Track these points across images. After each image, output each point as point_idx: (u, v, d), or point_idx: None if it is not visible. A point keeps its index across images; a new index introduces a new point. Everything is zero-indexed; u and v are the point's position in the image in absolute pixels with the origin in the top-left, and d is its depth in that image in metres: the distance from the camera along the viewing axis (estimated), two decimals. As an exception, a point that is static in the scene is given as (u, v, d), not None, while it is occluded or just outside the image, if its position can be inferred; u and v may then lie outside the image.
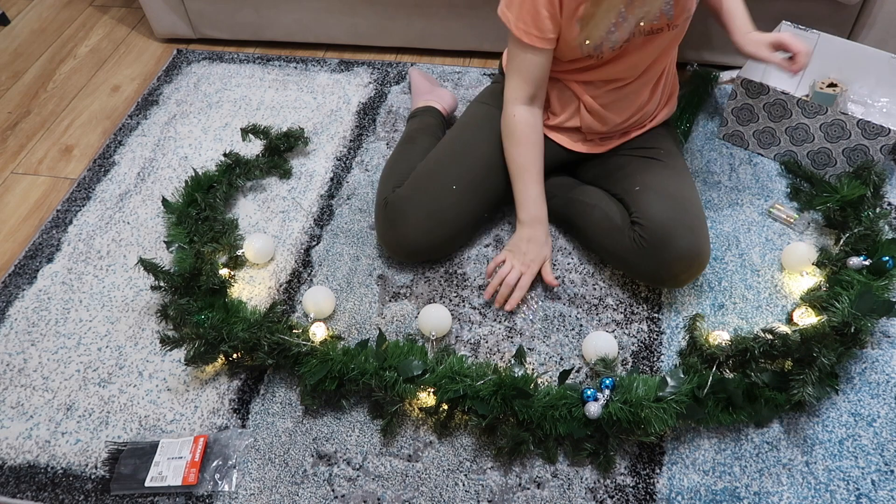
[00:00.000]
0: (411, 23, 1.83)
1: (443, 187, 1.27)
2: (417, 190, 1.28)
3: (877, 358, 1.19)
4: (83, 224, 1.49)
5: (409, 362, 1.11)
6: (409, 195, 1.27)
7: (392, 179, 1.35)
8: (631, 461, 1.08)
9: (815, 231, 1.39)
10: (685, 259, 1.17)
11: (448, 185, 1.27)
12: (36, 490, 1.08)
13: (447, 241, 1.30)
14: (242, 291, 1.33)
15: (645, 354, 1.21)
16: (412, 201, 1.26)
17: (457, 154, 1.31)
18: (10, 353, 1.26)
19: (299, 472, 1.08)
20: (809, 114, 1.40)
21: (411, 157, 1.40)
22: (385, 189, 1.34)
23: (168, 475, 1.06)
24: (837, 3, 1.58)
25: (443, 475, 1.07)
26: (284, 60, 1.90)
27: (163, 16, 1.93)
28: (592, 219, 1.29)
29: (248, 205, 1.51)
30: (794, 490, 1.04)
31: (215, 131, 1.69)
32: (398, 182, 1.33)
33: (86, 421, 1.16)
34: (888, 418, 1.11)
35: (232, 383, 1.19)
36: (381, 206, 1.31)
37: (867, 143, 1.37)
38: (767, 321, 1.24)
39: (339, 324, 1.28)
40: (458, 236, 1.32)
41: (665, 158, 1.29)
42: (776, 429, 1.11)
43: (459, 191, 1.27)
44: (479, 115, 1.36)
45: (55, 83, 1.91)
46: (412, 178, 1.30)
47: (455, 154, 1.31)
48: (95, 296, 1.34)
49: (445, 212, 1.27)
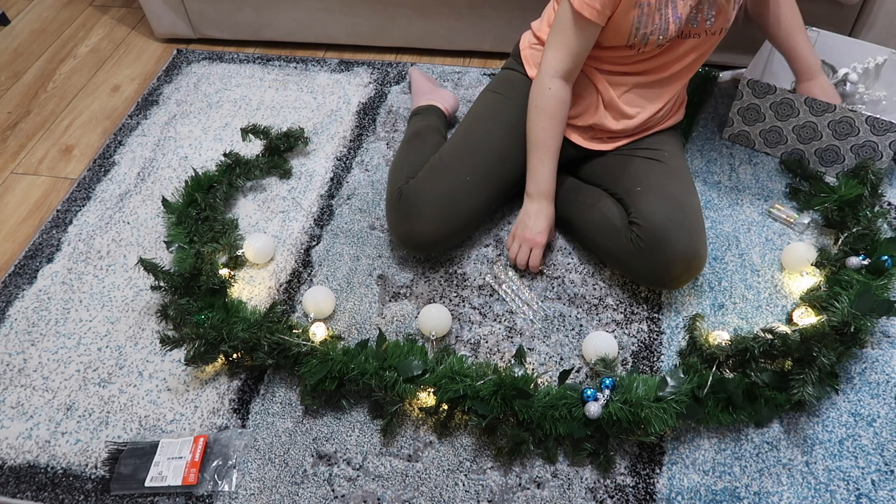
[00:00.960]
0: (411, 23, 1.83)
1: (457, 179, 1.27)
2: (432, 182, 1.27)
3: (877, 358, 1.19)
4: (83, 224, 1.49)
5: (409, 362, 1.11)
6: (423, 187, 1.27)
7: (405, 171, 1.35)
8: (631, 461, 1.08)
9: (815, 231, 1.39)
10: (682, 260, 1.17)
11: (463, 177, 1.27)
12: (36, 490, 1.08)
13: (459, 231, 1.30)
14: (242, 291, 1.33)
15: (645, 354, 1.21)
16: (427, 193, 1.26)
17: (471, 145, 1.31)
18: (10, 353, 1.26)
19: (299, 472, 1.08)
20: (817, 112, 1.41)
21: (421, 150, 1.40)
22: (398, 180, 1.33)
23: (168, 475, 1.06)
24: (837, 3, 1.59)
25: (443, 475, 1.07)
26: (284, 60, 1.91)
27: (163, 16, 1.93)
28: (591, 219, 1.29)
29: (248, 205, 1.51)
30: (794, 490, 1.04)
31: (215, 131, 1.69)
32: (411, 173, 1.32)
33: (86, 421, 1.16)
34: (888, 418, 1.11)
35: (232, 383, 1.19)
36: (394, 197, 1.30)
37: (876, 139, 1.37)
38: (767, 321, 1.24)
39: (339, 324, 1.28)
40: (470, 227, 1.32)
41: (667, 160, 1.28)
42: (776, 429, 1.11)
43: (474, 182, 1.27)
44: (493, 106, 1.36)
45: (55, 83, 1.91)
46: (426, 170, 1.30)
47: (469, 145, 1.31)
48: (95, 296, 1.34)
49: (459, 203, 1.27)
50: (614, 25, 1.14)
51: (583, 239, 1.35)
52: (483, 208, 1.31)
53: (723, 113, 1.66)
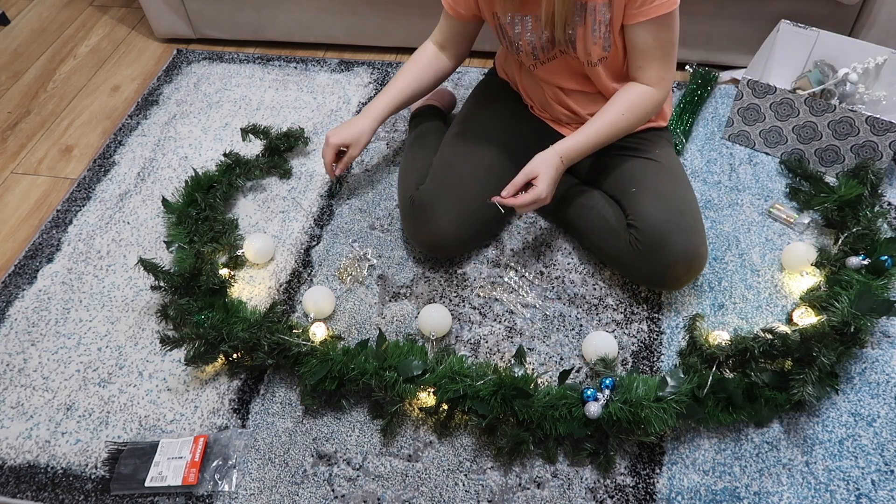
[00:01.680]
0: (411, 23, 1.83)
1: (465, 177, 1.28)
2: (441, 183, 1.28)
3: (877, 358, 1.19)
4: (83, 224, 1.49)
5: (409, 362, 1.11)
6: (434, 189, 1.27)
7: (413, 177, 1.35)
8: (631, 461, 1.08)
9: (815, 231, 1.39)
10: (682, 262, 1.17)
11: (469, 174, 1.28)
12: (36, 490, 1.08)
13: (480, 228, 1.31)
14: (242, 291, 1.33)
15: (645, 354, 1.21)
16: (438, 194, 1.27)
17: (471, 143, 1.32)
18: (10, 353, 1.26)
19: (299, 472, 1.08)
20: (817, 112, 1.41)
21: (427, 153, 1.41)
22: (407, 189, 1.34)
23: (168, 475, 1.06)
24: (837, 3, 1.59)
25: (443, 475, 1.07)
26: (284, 60, 1.91)
27: (163, 16, 1.93)
28: (589, 221, 1.29)
29: (248, 205, 1.51)
30: (794, 490, 1.04)
31: (215, 131, 1.69)
32: (420, 179, 1.33)
33: (86, 421, 1.16)
34: (888, 418, 1.11)
35: (232, 383, 1.19)
36: (407, 206, 1.31)
37: (876, 139, 1.38)
38: (767, 321, 1.24)
39: (339, 324, 1.28)
40: (486, 225, 1.32)
41: (661, 160, 1.28)
42: (776, 429, 1.11)
43: (482, 179, 1.28)
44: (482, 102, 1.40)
45: (55, 83, 1.91)
46: (433, 174, 1.30)
47: (469, 143, 1.32)
48: (95, 296, 1.34)
49: (472, 200, 1.27)
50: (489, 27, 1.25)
51: (582, 240, 1.35)
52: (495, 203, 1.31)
53: (723, 113, 1.66)
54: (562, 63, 1.23)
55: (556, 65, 1.23)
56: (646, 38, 1.11)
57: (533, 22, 1.15)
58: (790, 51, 1.59)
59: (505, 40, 1.24)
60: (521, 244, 1.39)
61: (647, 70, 1.16)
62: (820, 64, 1.55)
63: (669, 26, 1.11)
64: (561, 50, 1.19)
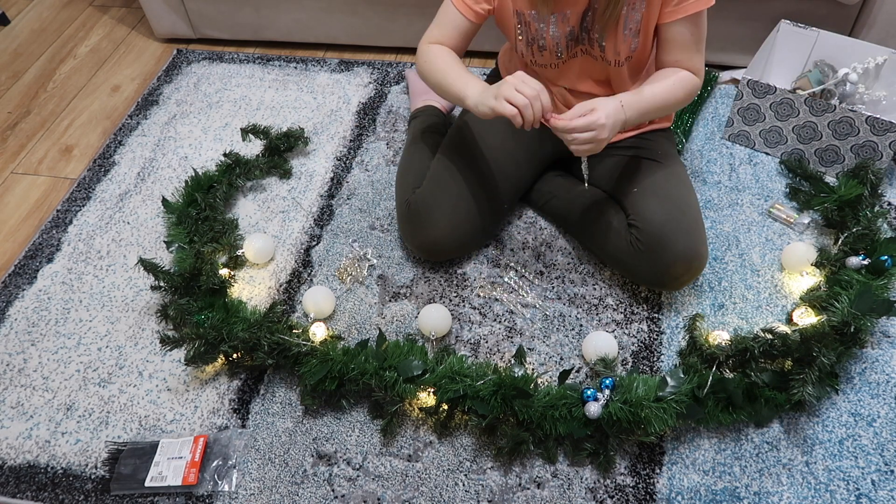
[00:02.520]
0: (411, 23, 1.83)
1: (461, 181, 1.27)
2: (437, 187, 1.27)
3: (877, 358, 1.19)
4: (83, 224, 1.49)
5: (409, 362, 1.11)
6: (430, 193, 1.27)
7: (409, 181, 1.35)
8: (631, 461, 1.08)
9: (815, 231, 1.39)
10: (682, 262, 1.17)
11: (466, 179, 1.27)
12: (36, 490, 1.08)
13: (475, 233, 1.30)
14: (242, 291, 1.33)
15: (645, 354, 1.21)
16: (434, 199, 1.26)
17: (468, 147, 1.32)
18: (10, 353, 1.26)
19: (299, 472, 1.08)
20: (817, 112, 1.41)
21: (424, 156, 1.40)
22: (404, 192, 1.33)
23: (168, 475, 1.06)
24: (837, 3, 1.59)
25: (443, 475, 1.07)
26: (284, 60, 1.90)
27: (163, 16, 1.93)
28: (590, 221, 1.29)
29: (248, 205, 1.51)
30: (794, 490, 1.04)
31: (215, 131, 1.69)
32: (416, 183, 1.33)
33: (86, 421, 1.16)
34: (888, 418, 1.11)
35: (232, 383, 1.19)
36: (403, 209, 1.31)
37: (876, 139, 1.38)
38: (767, 321, 1.24)
39: (339, 324, 1.28)
40: (483, 229, 1.31)
41: (663, 160, 1.28)
42: (776, 429, 1.11)
43: (478, 183, 1.27)
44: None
45: (55, 83, 1.91)
46: (430, 178, 1.30)
47: (467, 147, 1.32)
48: (95, 296, 1.34)
49: (468, 204, 1.26)
50: (502, 25, 1.21)
51: (583, 240, 1.35)
52: (493, 207, 1.30)
53: (723, 113, 1.66)
54: (581, 62, 1.21)
55: (575, 64, 1.22)
56: (683, 32, 1.12)
57: (559, 19, 1.14)
58: (790, 51, 1.60)
59: (525, 37, 1.19)
60: (521, 244, 1.39)
61: (685, 63, 1.16)
62: (820, 64, 1.55)
63: (703, 20, 1.12)
64: (583, 49, 1.18)
